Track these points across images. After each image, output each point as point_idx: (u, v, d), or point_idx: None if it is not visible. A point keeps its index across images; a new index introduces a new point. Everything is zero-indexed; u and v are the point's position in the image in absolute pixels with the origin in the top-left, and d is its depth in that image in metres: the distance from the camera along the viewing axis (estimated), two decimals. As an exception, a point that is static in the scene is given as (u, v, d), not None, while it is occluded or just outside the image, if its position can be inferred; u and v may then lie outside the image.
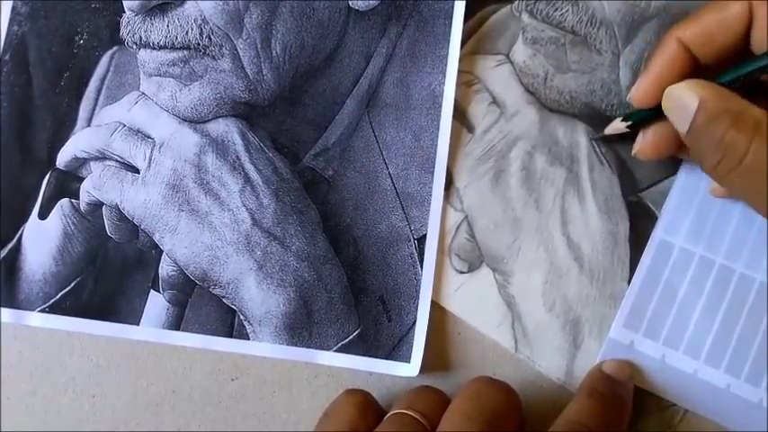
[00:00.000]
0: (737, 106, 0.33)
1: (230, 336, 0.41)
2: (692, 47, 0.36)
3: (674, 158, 0.39)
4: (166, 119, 0.41)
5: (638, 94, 0.37)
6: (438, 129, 0.41)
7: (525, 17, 0.42)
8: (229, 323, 0.41)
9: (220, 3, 0.40)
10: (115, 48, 0.43)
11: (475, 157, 0.42)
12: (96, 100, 0.43)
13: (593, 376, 0.38)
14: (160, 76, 0.41)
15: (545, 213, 0.41)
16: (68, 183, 0.42)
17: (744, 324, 0.39)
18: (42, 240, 0.42)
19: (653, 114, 0.37)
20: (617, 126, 0.38)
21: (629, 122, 0.38)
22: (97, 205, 0.41)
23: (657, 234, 0.40)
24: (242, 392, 0.41)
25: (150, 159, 0.41)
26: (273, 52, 0.41)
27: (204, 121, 0.41)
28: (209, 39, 0.40)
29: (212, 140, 0.41)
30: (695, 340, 0.39)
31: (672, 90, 0.35)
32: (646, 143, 0.38)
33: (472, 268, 0.41)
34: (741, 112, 0.33)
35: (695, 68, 0.36)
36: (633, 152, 0.39)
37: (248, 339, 0.41)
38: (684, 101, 0.34)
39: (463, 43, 0.42)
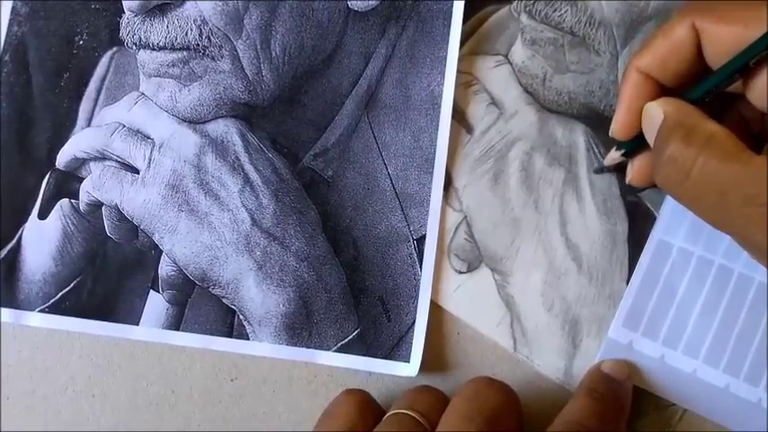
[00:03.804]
0: (692, 121, 0.33)
1: (230, 336, 0.41)
2: (652, 74, 0.36)
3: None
4: (166, 119, 0.41)
5: (616, 129, 0.37)
6: (437, 129, 0.42)
7: (524, 18, 0.42)
8: (229, 323, 0.41)
9: (220, 3, 0.40)
10: (115, 48, 0.43)
11: (474, 157, 0.42)
12: (96, 100, 0.43)
13: (591, 376, 0.38)
14: (160, 76, 0.41)
15: (544, 214, 0.41)
16: (68, 183, 0.42)
17: (743, 324, 0.39)
18: (42, 240, 0.42)
19: (640, 142, 0.37)
20: (613, 156, 0.39)
21: (623, 151, 0.38)
22: (97, 205, 0.42)
23: (656, 234, 0.40)
24: (241, 392, 0.41)
25: (150, 160, 0.41)
26: (273, 53, 0.41)
27: (204, 122, 0.41)
28: (209, 39, 0.40)
29: (212, 141, 0.41)
30: (694, 340, 0.39)
31: (645, 108, 0.35)
32: (633, 171, 0.38)
33: (471, 268, 0.41)
34: (695, 126, 0.33)
35: (662, 92, 0.36)
36: (627, 181, 0.39)
37: (248, 339, 0.41)
38: (654, 117, 0.34)
39: (462, 44, 0.42)
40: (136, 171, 0.41)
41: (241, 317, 0.40)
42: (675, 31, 0.35)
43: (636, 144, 0.37)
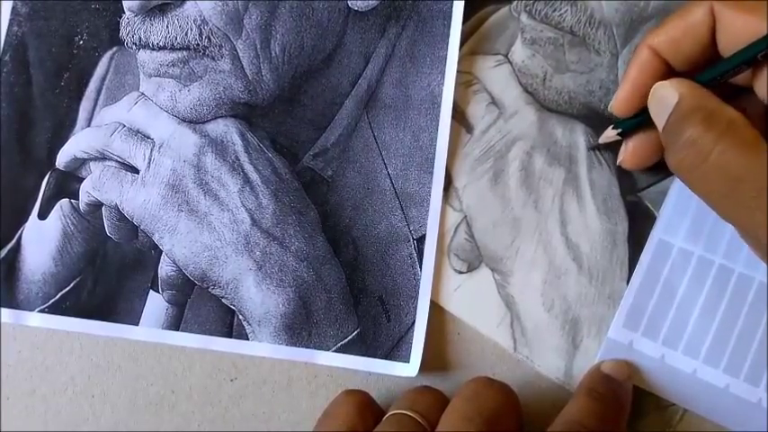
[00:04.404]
0: (712, 105, 0.33)
1: (229, 336, 0.41)
2: (663, 54, 0.36)
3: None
4: (166, 119, 0.41)
5: (617, 104, 0.37)
6: (437, 129, 0.42)
7: (524, 17, 0.42)
8: (228, 323, 0.41)
9: (220, 3, 0.40)
10: (115, 48, 0.43)
11: (474, 157, 0.42)
12: (96, 100, 0.43)
13: (591, 376, 0.38)
14: (160, 76, 0.41)
15: (544, 213, 0.41)
16: (68, 183, 0.42)
17: (743, 324, 0.39)
18: (42, 240, 0.42)
19: (641, 121, 0.37)
20: (609, 134, 0.39)
21: (620, 130, 0.38)
22: (97, 205, 0.42)
23: (656, 234, 0.40)
24: (241, 392, 0.41)
25: (150, 160, 0.41)
26: (273, 53, 0.41)
27: (203, 122, 0.41)
28: (209, 39, 0.40)
29: (212, 141, 0.41)
30: (694, 340, 0.39)
31: (656, 87, 0.35)
32: (627, 152, 0.38)
33: (471, 268, 0.41)
34: (714, 110, 0.33)
35: (670, 74, 0.36)
36: (617, 162, 0.39)
37: (247, 339, 0.41)
38: (666, 98, 0.34)
39: (462, 43, 0.42)
40: (136, 171, 0.41)
41: (241, 317, 0.40)
42: (693, 13, 0.35)
43: (634, 123, 0.37)
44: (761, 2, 0.34)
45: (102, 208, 0.41)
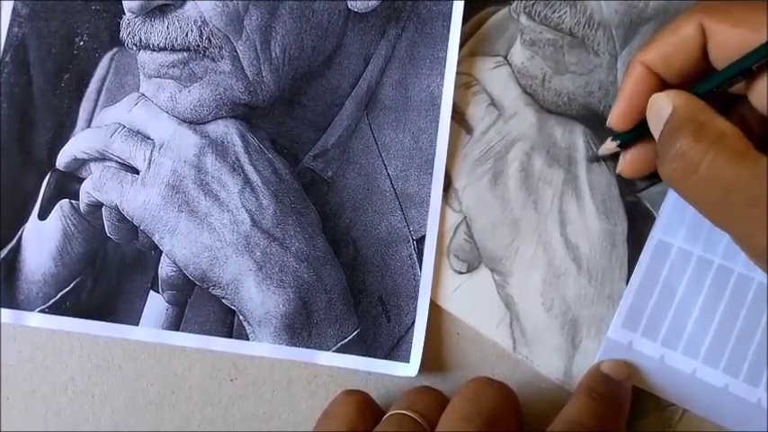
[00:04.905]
0: (703, 116, 0.33)
1: (230, 336, 0.41)
2: (655, 69, 0.36)
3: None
4: (166, 120, 0.41)
5: (614, 119, 0.38)
6: (437, 130, 0.42)
7: (523, 19, 0.42)
8: (229, 323, 0.41)
9: (220, 4, 0.40)
10: (115, 49, 0.43)
11: (473, 158, 0.42)
12: (96, 101, 0.43)
13: (591, 376, 0.38)
14: (160, 77, 0.42)
15: (543, 214, 0.41)
16: (68, 183, 0.42)
17: (742, 324, 0.39)
18: (42, 241, 0.42)
19: (638, 134, 0.37)
20: (608, 147, 0.39)
21: (618, 142, 0.38)
22: (97, 206, 0.42)
23: (655, 234, 0.40)
24: (241, 392, 0.41)
25: (150, 160, 0.41)
26: (273, 54, 0.41)
27: (204, 123, 0.41)
28: (209, 40, 0.40)
29: (212, 141, 0.41)
30: (694, 340, 0.39)
31: (653, 99, 0.36)
32: (625, 163, 0.39)
33: (471, 269, 0.41)
34: (705, 122, 0.33)
35: (664, 88, 0.36)
36: (617, 171, 0.39)
37: (248, 340, 0.41)
38: (662, 109, 0.35)
39: (462, 45, 0.42)
40: (136, 172, 0.41)
41: (241, 317, 0.41)
42: (682, 29, 0.35)
43: (632, 136, 0.38)
44: (749, 14, 0.34)
45: (103, 208, 0.42)
